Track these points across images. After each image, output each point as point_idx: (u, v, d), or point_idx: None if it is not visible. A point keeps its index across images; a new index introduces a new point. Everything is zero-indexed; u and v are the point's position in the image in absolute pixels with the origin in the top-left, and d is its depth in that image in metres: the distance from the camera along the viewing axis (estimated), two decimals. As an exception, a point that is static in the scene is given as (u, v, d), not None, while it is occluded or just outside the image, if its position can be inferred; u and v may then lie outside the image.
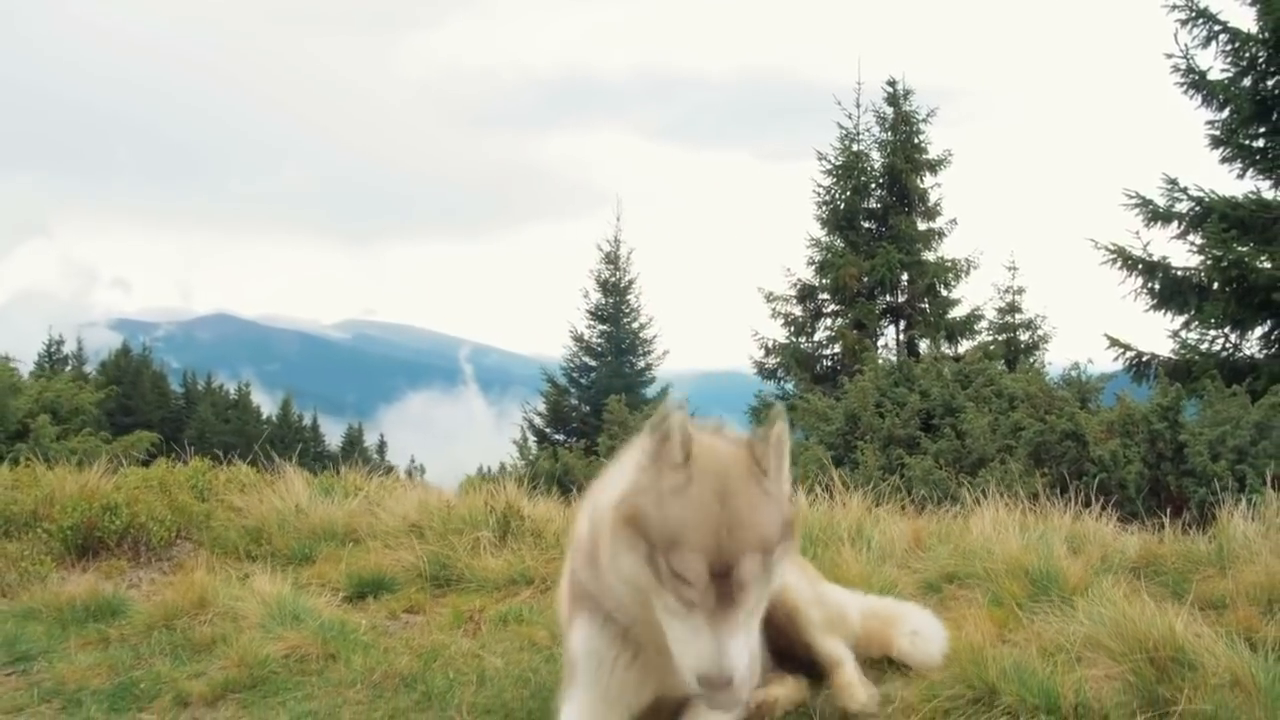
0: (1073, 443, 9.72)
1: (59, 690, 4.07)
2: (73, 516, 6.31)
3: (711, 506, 2.51)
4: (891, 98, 28.68)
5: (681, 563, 2.47)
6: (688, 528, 2.49)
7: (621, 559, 2.61)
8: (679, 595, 2.48)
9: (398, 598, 5.32)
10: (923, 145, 28.63)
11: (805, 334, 28.82)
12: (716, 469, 2.60)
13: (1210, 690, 3.51)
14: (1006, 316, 28.34)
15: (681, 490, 2.54)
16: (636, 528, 2.56)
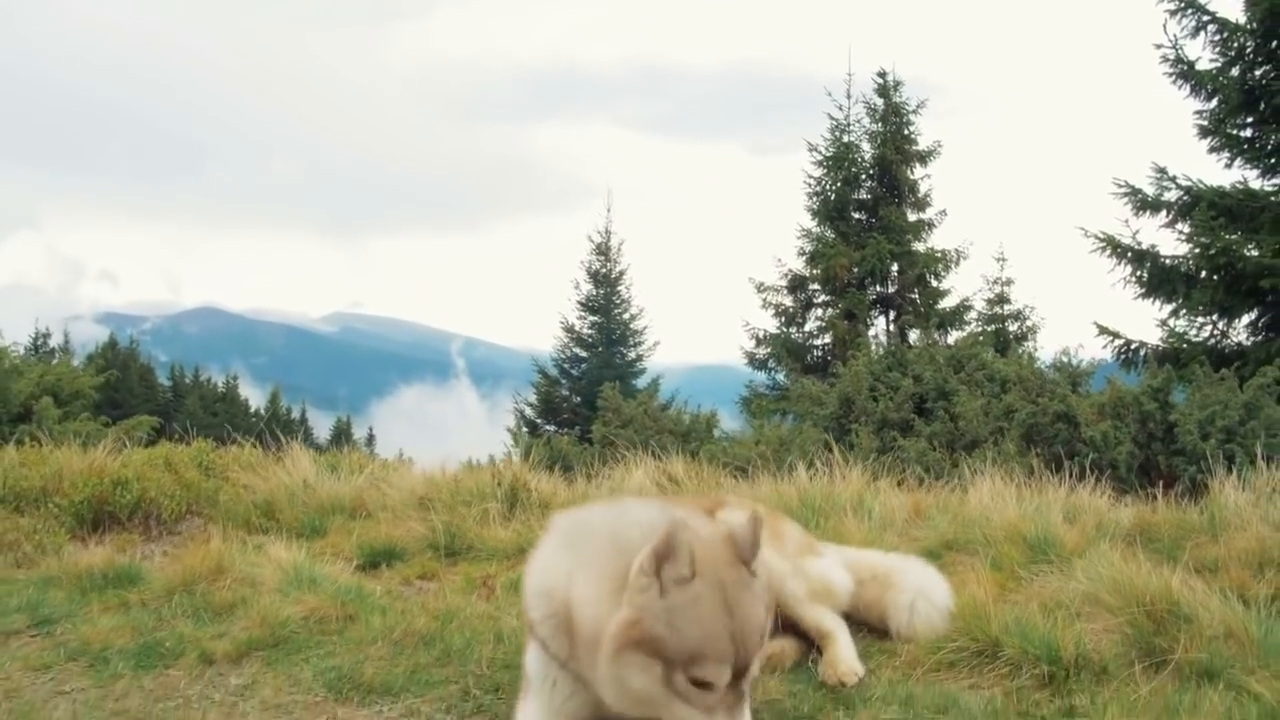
0: (1064, 424, 9.86)
1: (84, 650, 4.17)
2: (84, 491, 6.40)
3: (724, 619, 2.68)
4: (882, 89, 28.78)
5: (705, 673, 2.63)
6: (706, 642, 2.64)
7: (632, 680, 2.70)
8: (699, 703, 2.64)
9: (410, 565, 5.43)
10: (912, 136, 28.73)
11: (796, 324, 28.93)
12: (717, 579, 2.73)
13: (1205, 641, 3.65)
14: (995, 307, 28.52)
15: (693, 607, 2.67)
16: (649, 650, 2.67)
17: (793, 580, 3.94)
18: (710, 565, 2.75)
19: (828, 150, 28.79)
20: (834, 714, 3.39)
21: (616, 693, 2.78)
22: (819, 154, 28.83)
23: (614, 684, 2.76)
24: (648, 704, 2.73)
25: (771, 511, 4.40)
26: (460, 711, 3.54)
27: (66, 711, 3.59)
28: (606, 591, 2.81)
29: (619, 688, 2.75)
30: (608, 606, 2.77)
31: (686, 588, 2.68)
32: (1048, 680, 3.56)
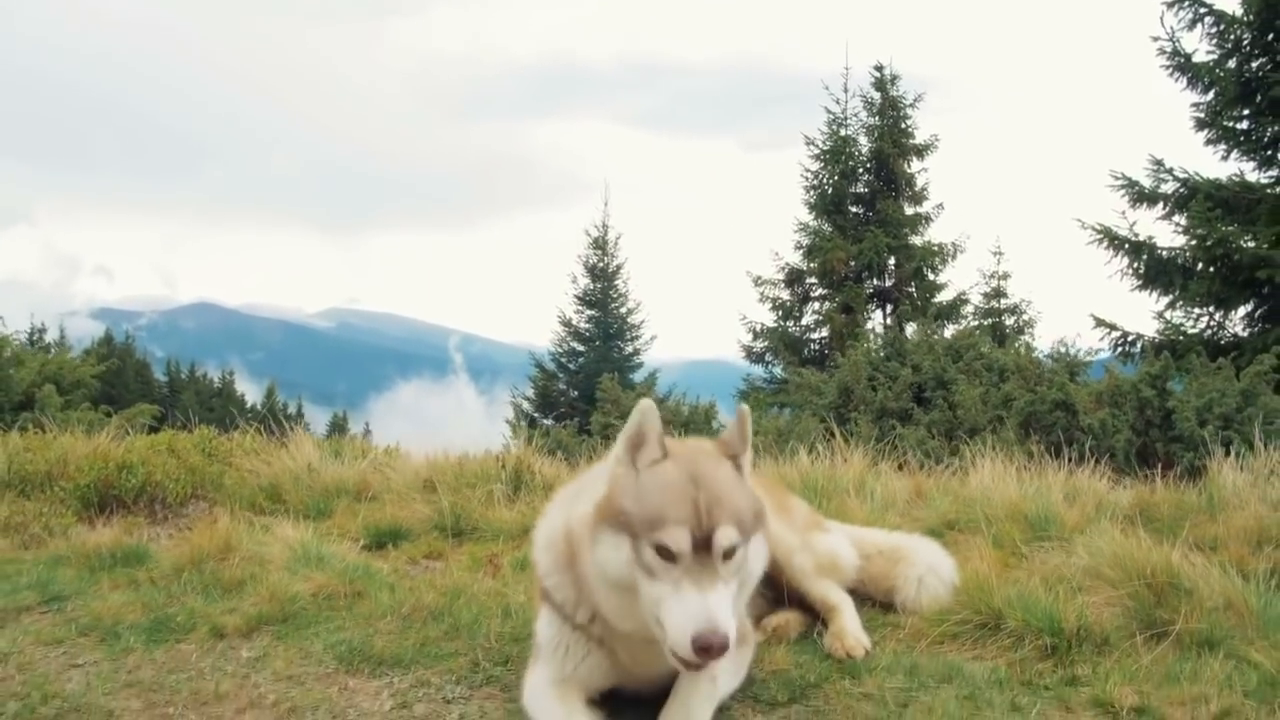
0: (1063, 412, 9.92)
1: (95, 625, 4.20)
2: (89, 475, 6.43)
3: (687, 487, 2.76)
4: (879, 83, 28.85)
5: (665, 538, 2.67)
6: (667, 507, 2.71)
7: (606, 557, 2.79)
8: (664, 575, 2.68)
9: (416, 545, 5.48)
10: (910, 130, 28.81)
11: (793, 318, 29.00)
12: (689, 457, 2.88)
13: (1205, 613, 3.70)
14: (992, 301, 28.60)
15: (661, 476, 2.80)
16: (619, 524, 2.77)
17: (800, 554, 3.99)
18: (686, 451, 2.89)
19: (825, 144, 28.86)
20: (840, 683, 3.43)
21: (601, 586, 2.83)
22: (816, 148, 28.91)
23: (597, 570, 2.82)
24: (625, 589, 2.77)
25: (779, 486, 4.45)
26: (470, 683, 3.58)
27: (80, 683, 3.63)
28: (591, 492, 2.93)
29: (601, 573, 2.81)
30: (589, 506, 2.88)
31: (657, 467, 2.81)
32: (1050, 651, 3.61)
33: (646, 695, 3.19)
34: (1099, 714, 3.18)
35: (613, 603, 2.86)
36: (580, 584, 3.01)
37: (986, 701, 3.25)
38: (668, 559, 2.67)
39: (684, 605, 2.61)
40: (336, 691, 3.54)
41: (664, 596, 2.66)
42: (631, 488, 2.80)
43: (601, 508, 2.84)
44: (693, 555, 2.67)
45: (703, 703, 3.03)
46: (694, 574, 2.65)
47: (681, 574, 2.66)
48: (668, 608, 2.64)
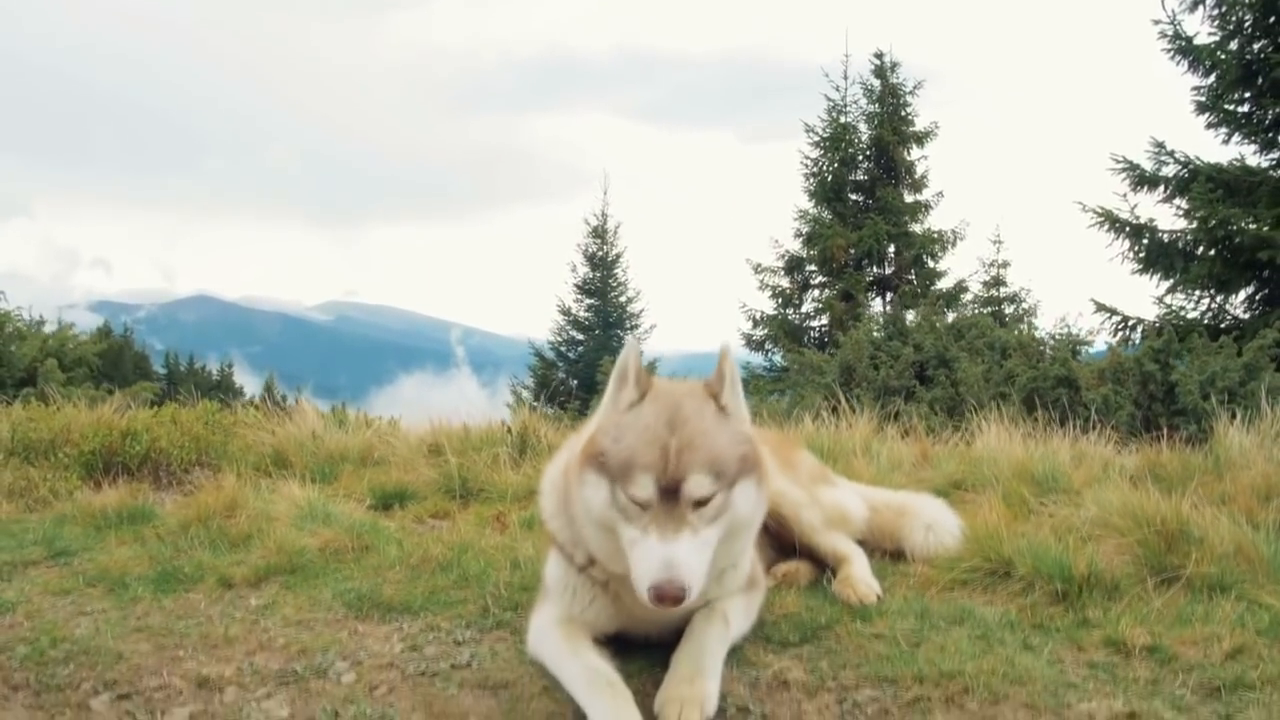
0: (1065, 389, 9.92)
1: (103, 577, 4.20)
2: (93, 442, 6.43)
3: (660, 431, 2.72)
4: (879, 70, 28.78)
5: (633, 485, 2.65)
6: (637, 451, 2.69)
7: (589, 497, 2.79)
8: (636, 519, 2.66)
9: (423, 505, 5.48)
10: (909, 118, 28.73)
11: (793, 305, 28.95)
12: (670, 401, 2.83)
13: (1216, 558, 3.70)
14: (992, 290, 28.59)
15: (637, 420, 2.77)
16: (599, 465, 2.76)
17: (808, 510, 3.98)
18: (667, 392, 2.86)
19: (825, 131, 28.77)
20: (851, 625, 3.43)
21: (588, 526, 2.84)
22: (816, 135, 28.82)
23: (583, 510, 2.83)
24: (609, 529, 2.76)
25: (786, 440, 4.45)
26: (480, 626, 3.57)
27: (89, 628, 3.62)
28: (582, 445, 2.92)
29: (586, 514, 2.82)
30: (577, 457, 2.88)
31: (636, 409, 2.79)
32: (1060, 597, 3.61)
33: (655, 639, 3.19)
34: (1111, 653, 3.18)
35: (599, 542, 2.86)
36: (574, 524, 3.02)
37: (999, 640, 3.25)
38: (639, 505, 2.66)
39: (647, 553, 2.60)
40: (346, 635, 3.53)
41: (633, 541, 2.65)
42: (612, 429, 2.79)
43: (586, 448, 2.84)
44: (660, 503, 2.64)
45: (716, 644, 3.03)
46: (660, 521, 2.62)
47: (649, 520, 2.64)
48: (634, 553, 2.64)
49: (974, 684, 2.89)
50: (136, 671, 3.29)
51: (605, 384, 10.51)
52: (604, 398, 2.94)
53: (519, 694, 3.00)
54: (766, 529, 3.90)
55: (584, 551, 3.06)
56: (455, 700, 3.00)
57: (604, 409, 2.90)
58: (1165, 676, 3.00)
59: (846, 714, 2.83)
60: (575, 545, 3.08)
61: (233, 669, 3.27)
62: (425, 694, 3.05)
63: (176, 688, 3.17)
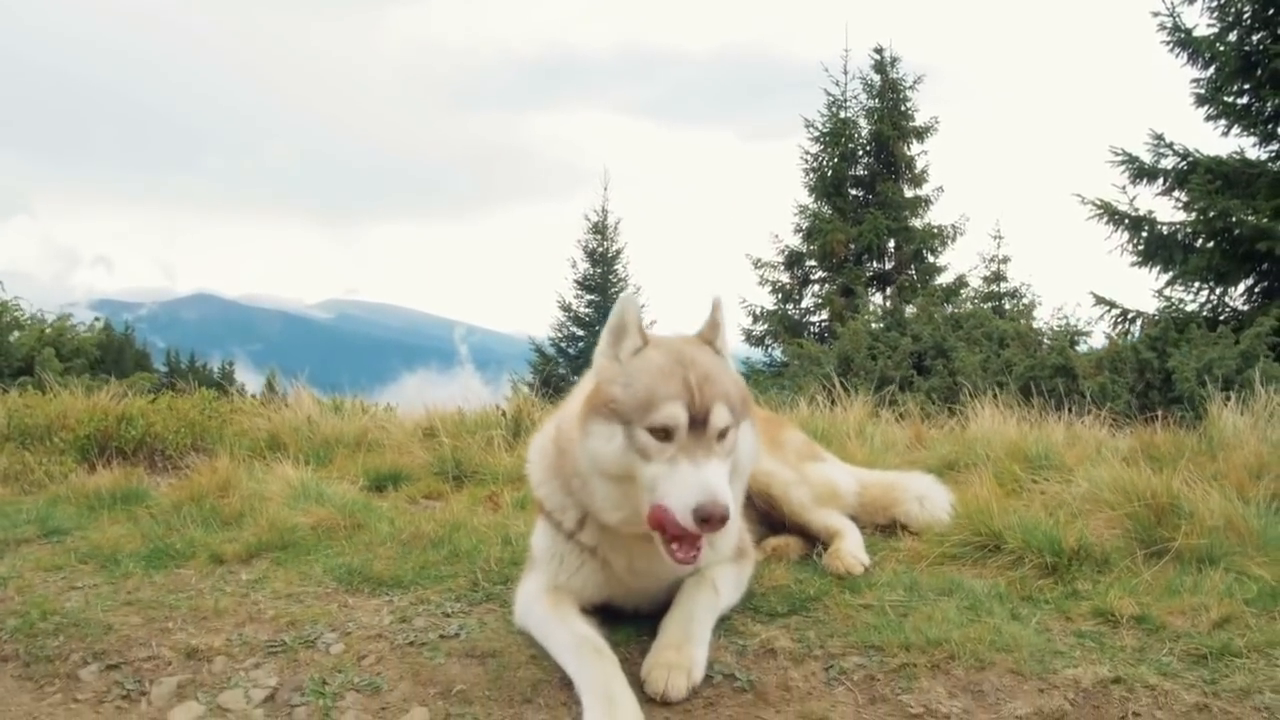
0: (1063, 377, 9.91)
1: (95, 554, 4.21)
2: (88, 426, 6.43)
3: (677, 368, 2.78)
4: (878, 65, 28.75)
5: (660, 416, 2.68)
6: (659, 385, 2.73)
7: (597, 447, 2.79)
8: (659, 455, 2.68)
9: (416, 486, 5.49)
10: (909, 112, 28.69)
11: (793, 300, 28.94)
12: (672, 346, 2.91)
13: (1206, 531, 3.70)
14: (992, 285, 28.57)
15: (647, 363, 2.82)
16: (609, 411, 2.77)
17: (797, 488, 3.99)
18: (666, 340, 2.93)
19: (824, 126, 28.74)
20: (840, 596, 3.43)
21: (593, 477, 2.84)
22: (816, 130, 28.79)
23: (588, 465, 2.83)
24: (617, 477, 2.77)
25: (774, 420, 4.46)
26: (470, 600, 3.58)
27: (79, 602, 3.63)
28: (579, 396, 2.97)
29: (594, 464, 2.81)
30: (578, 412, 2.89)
31: (642, 354, 2.84)
32: (1050, 570, 3.61)
33: (645, 611, 3.20)
34: (1099, 623, 3.19)
35: (603, 493, 2.85)
36: (567, 485, 3.02)
37: (987, 611, 3.25)
38: (663, 439, 2.68)
39: (683, 479, 2.62)
40: (336, 608, 3.54)
41: (661, 475, 2.66)
42: (620, 376, 2.81)
43: (590, 399, 2.85)
44: (689, 432, 2.68)
45: (705, 612, 3.03)
46: (689, 450, 2.66)
47: (677, 451, 2.66)
48: (666, 485, 2.64)
49: (960, 651, 2.90)
50: (125, 643, 3.30)
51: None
52: (597, 355, 2.95)
53: (506, 662, 3.01)
54: (755, 506, 3.92)
55: (573, 515, 3.07)
56: (442, 669, 3.00)
57: (601, 363, 2.91)
58: (1152, 645, 3.01)
59: (833, 680, 2.84)
60: (564, 510, 3.09)
61: (221, 640, 3.28)
62: (413, 663, 3.05)
63: (165, 658, 3.18)
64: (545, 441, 3.21)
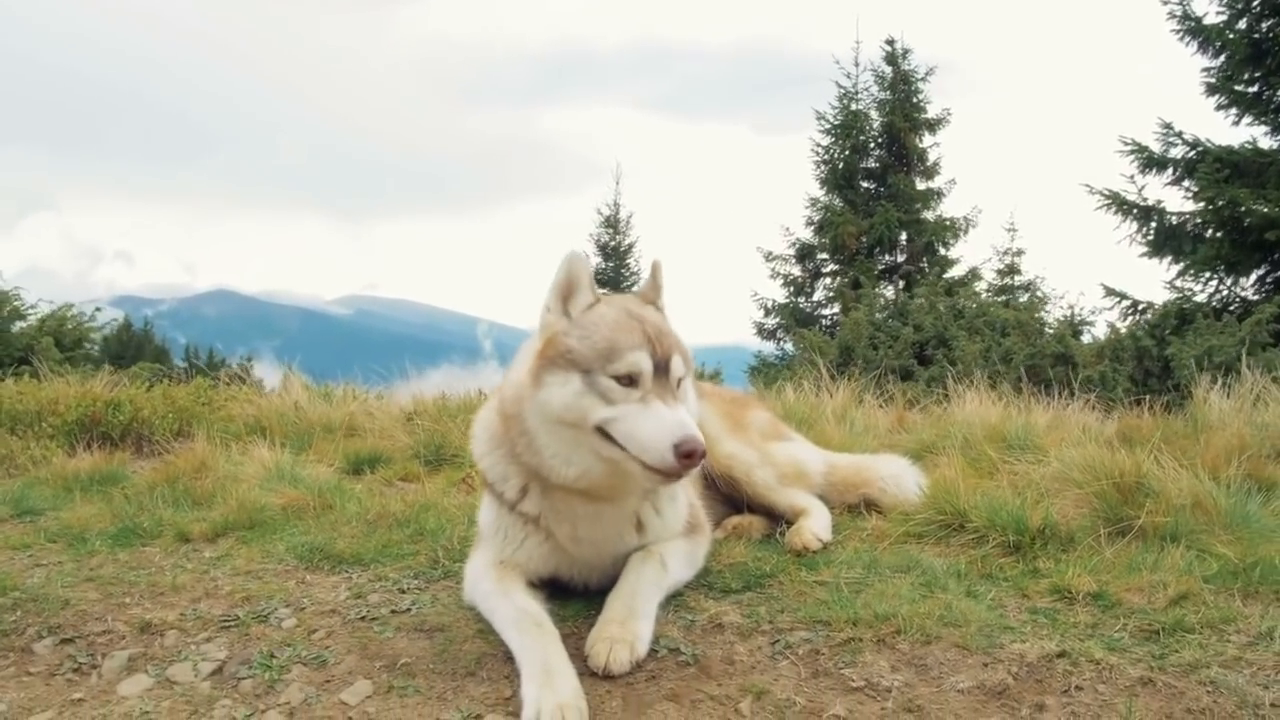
0: (1063, 366, 9.84)
1: (64, 533, 4.23)
2: (76, 412, 6.46)
3: (633, 321, 2.84)
4: (890, 56, 28.58)
5: (625, 364, 2.73)
6: (620, 336, 2.78)
7: (552, 395, 2.79)
8: (625, 399, 2.72)
9: (392, 469, 5.49)
10: (921, 104, 28.51)
11: (804, 294, 28.84)
12: (621, 303, 2.96)
13: (1173, 510, 3.65)
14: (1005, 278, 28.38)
15: (602, 316, 2.86)
16: (566, 362, 2.78)
17: (760, 469, 3.97)
18: (614, 297, 2.98)
19: (836, 118, 28.60)
20: (796, 574, 3.41)
21: (544, 426, 2.84)
22: (827, 122, 28.65)
23: (542, 415, 2.82)
24: (571, 425, 2.78)
25: (737, 400, 4.43)
26: (427, 577, 3.58)
27: (40, 578, 3.64)
28: (524, 358, 2.96)
29: (544, 416, 2.82)
30: (524, 368, 2.90)
31: (594, 310, 2.88)
32: (1013, 549, 3.58)
33: (595, 586, 3.18)
34: (1055, 600, 3.15)
35: (553, 448, 2.85)
36: (511, 453, 3.01)
37: (941, 588, 3.23)
38: (628, 385, 2.72)
39: (659, 419, 2.66)
40: (294, 585, 3.54)
41: (630, 415, 2.69)
42: (573, 330, 2.83)
43: (542, 353, 2.84)
44: (654, 377, 2.74)
45: (651, 587, 3.02)
46: (659, 393, 2.73)
47: (647, 392, 2.72)
48: (639, 425, 2.67)
49: (907, 626, 2.88)
50: (82, 617, 3.31)
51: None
52: (543, 312, 2.95)
53: (453, 636, 3.00)
54: (717, 486, 3.90)
55: (515, 484, 3.07)
56: (390, 643, 3.00)
57: (550, 320, 2.92)
58: (1106, 620, 2.98)
59: (778, 654, 2.82)
60: (506, 480, 3.09)
61: (175, 614, 3.28)
62: (362, 637, 3.05)
63: (119, 632, 3.19)
64: (489, 415, 3.22)
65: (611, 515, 3.07)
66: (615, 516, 3.08)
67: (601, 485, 2.89)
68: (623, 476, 2.83)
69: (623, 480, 2.87)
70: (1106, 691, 2.54)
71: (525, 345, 3.09)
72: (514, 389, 2.94)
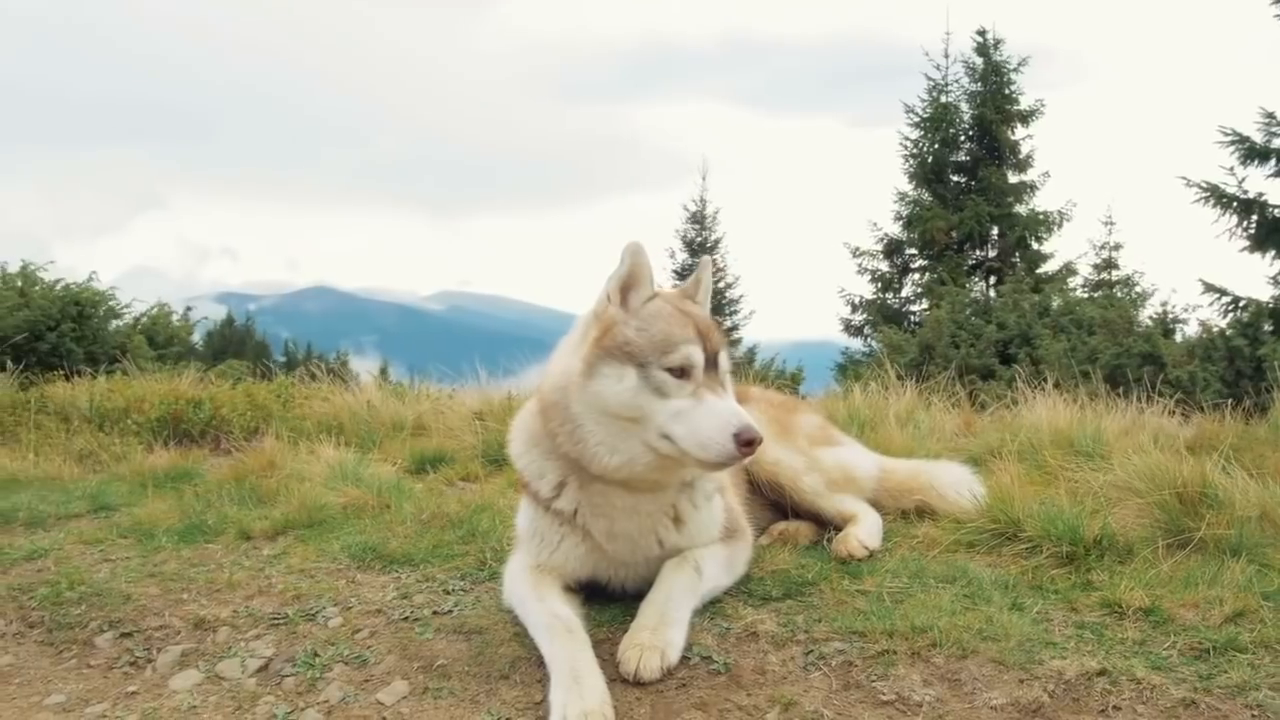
0: (1151, 365, 9.54)
1: (135, 529, 4.40)
2: (159, 409, 6.69)
3: (686, 317, 2.93)
4: (981, 48, 27.95)
5: (678, 356, 2.81)
6: (675, 330, 2.87)
7: (605, 388, 2.84)
8: (678, 392, 2.79)
9: (455, 469, 5.57)
10: (1014, 96, 27.83)
11: (892, 290, 28.43)
12: (672, 298, 3.05)
13: (1237, 522, 3.52)
14: (1103, 273, 27.59)
15: (659, 310, 2.94)
16: (623, 354, 2.84)
17: (808, 475, 3.93)
18: (666, 293, 3.08)
19: (925, 111, 28.10)
20: (839, 582, 3.37)
21: (592, 415, 2.88)
22: (916, 115, 28.17)
23: (590, 404, 2.88)
24: (622, 418, 2.84)
25: (785, 405, 4.39)
26: (474, 578, 3.63)
27: (106, 573, 3.80)
28: (569, 349, 3.02)
29: (598, 408, 2.87)
30: (572, 357, 2.95)
31: (653, 303, 2.95)
32: (1067, 559, 3.48)
33: (632, 590, 3.19)
34: (1105, 614, 3.06)
35: (600, 436, 2.89)
36: (550, 446, 3.05)
37: (985, 599, 3.16)
38: (681, 377, 2.80)
39: (714, 410, 2.77)
40: (344, 584, 3.63)
41: (685, 409, 2.77)
42: (632, 321, 2.90)
43: (598, 343, 2.89)
44: (705, 370, 2.83)
45: (684, 594, 3.01)
46: (710, 386, 2.82)
47: (699, 386, 2.81)
48: (695, 418, 2.76)
49: (943, 639, 2.82)
50: (141, 612, 3.44)
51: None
52: (600, 303, 3.00)
53: (490, 639, 3.04)
54: (762, 492, 3.87)
55: (551, 480, 3.11)
56: (429, 644, 3.05)
57: (609, 310, 2.96)
58: (1155, 637, 2.88)
59: (810, 665, 2.79)
60: (542, 477, 3.13)
61: (229, 611, 3.39)
62: (404, 638, 3.11)
63: (175, 627, 3.31)
64: (526, 416, 3.27)
65: (648, 508, 3.09)
66: (652, 509, 3.10)
67: (644, 475, 2.93)
68: (665, 468, 2.91)
69: (664, 471, 2.94)
70: (1146, 713, 2.46)
71: (565, 339, 3.12)
72: (559, 377, 2.98)
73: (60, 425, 6.89)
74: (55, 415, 7.12)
